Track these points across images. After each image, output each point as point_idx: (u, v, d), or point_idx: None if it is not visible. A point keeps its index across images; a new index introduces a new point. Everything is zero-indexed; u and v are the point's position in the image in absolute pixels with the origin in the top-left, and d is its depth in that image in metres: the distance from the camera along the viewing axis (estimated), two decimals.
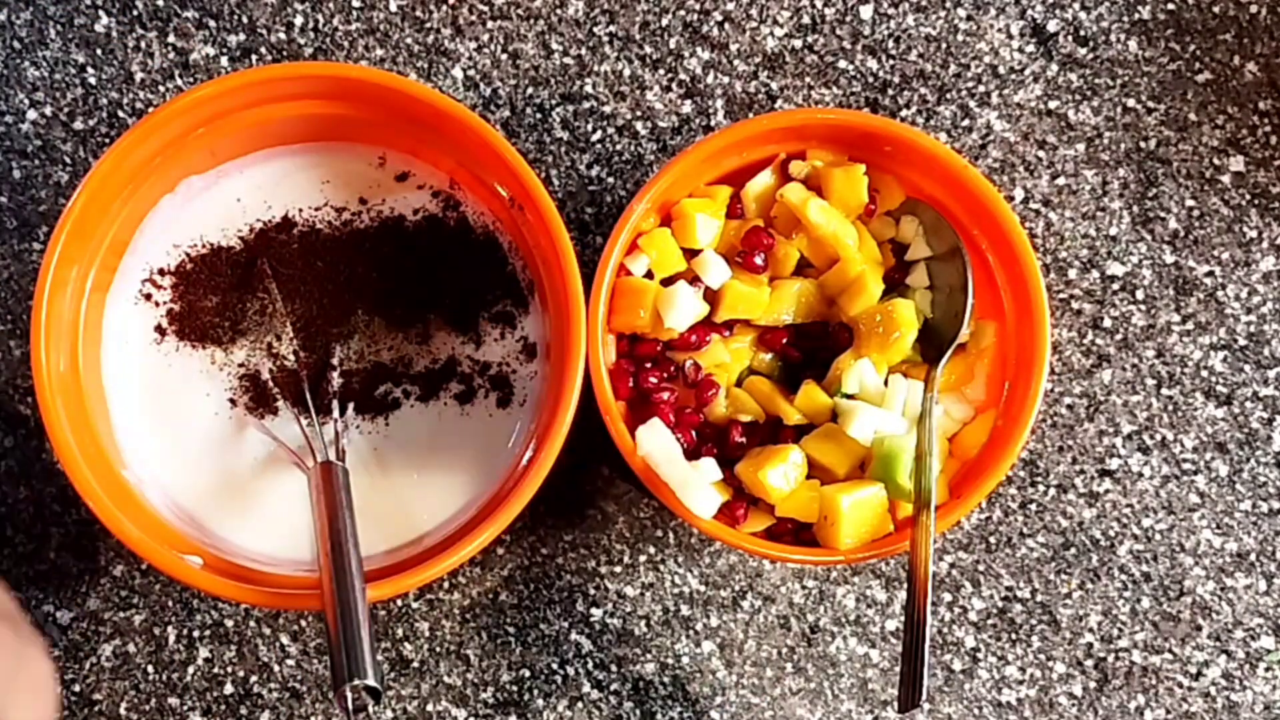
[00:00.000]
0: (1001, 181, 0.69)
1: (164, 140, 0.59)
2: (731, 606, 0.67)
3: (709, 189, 0.63)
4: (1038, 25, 0.69)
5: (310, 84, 0.60)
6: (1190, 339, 0.68)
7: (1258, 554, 0.68)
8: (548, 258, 0.60)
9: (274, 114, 0.61)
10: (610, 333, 0.62)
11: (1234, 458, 0.68)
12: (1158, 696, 0.68)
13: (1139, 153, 0.69)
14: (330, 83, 0.60)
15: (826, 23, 0.69)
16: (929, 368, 0.62)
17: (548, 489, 0.67)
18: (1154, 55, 0.69)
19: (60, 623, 0.66)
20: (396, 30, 0.67)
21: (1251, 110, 0.69)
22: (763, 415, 0.62)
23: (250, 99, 0.60)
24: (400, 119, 0.61)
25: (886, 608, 0.67)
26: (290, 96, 0.60)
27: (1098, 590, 0.68)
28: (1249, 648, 0.68)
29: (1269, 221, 0.69)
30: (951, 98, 0.69)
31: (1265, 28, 0.69)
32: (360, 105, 0.61)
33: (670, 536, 0.67)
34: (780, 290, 0.63)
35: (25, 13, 0.67)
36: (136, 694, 0.66)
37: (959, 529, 0.68)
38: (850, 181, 0.62)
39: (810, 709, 0.67)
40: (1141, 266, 0.69)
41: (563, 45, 0.68)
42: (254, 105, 0.60)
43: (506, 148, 0.59)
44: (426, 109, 0.59)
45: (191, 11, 0.67)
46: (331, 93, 0.60)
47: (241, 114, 0.60)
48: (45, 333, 0.57)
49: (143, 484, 0.61)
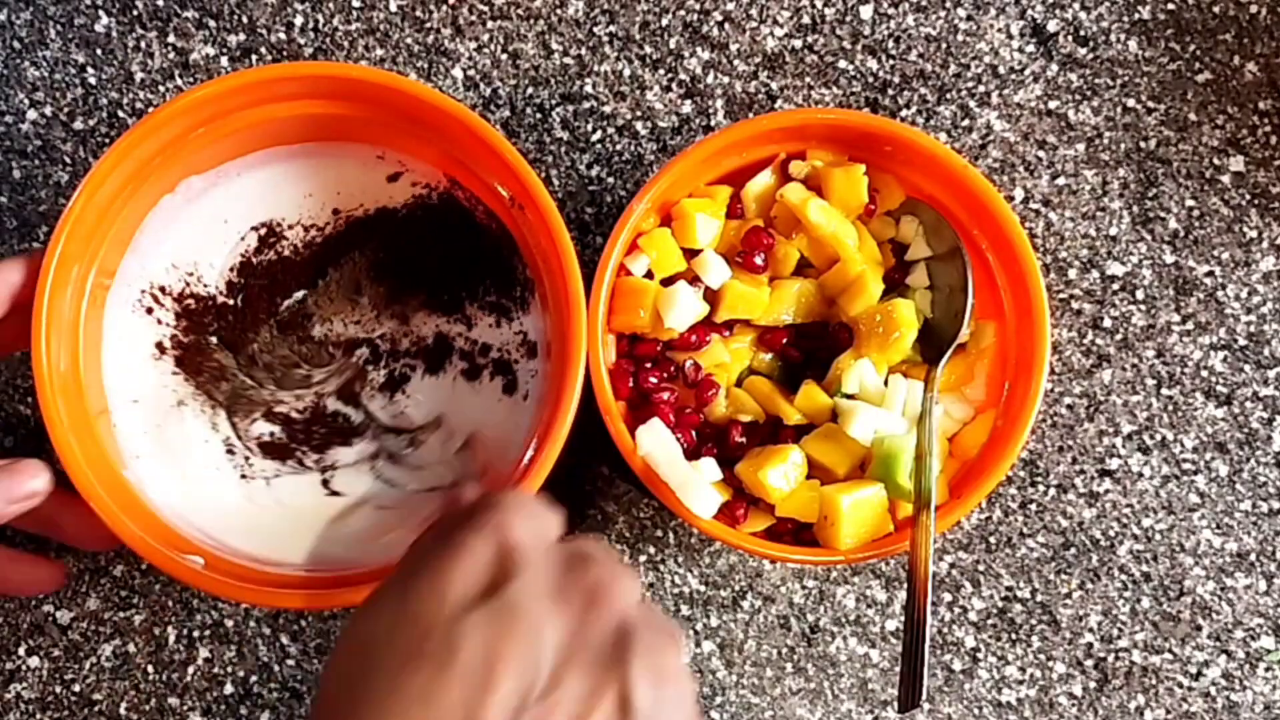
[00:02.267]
0: (1001, 181, 0.69)
1: (164, 140, 0.59)
2: (731, 606, 0.67)
3: (709, 189, 0.63)
4: (1038, 25, 0.69)
5: (309, 84, 0.60)
6: (1190, 339, 0.68)
7: (1258, 554, 0.68)
8: (548, 258, 0.60)
9: (274, 114, 0.61)
10: (610, 333, 0.62)
11: (1234, 458, 0.68)
12: (1158, 696, 0.68)
13: (1139, 153, 0.69)
14: (330, 82, 0.60)
15: (826, 23, 0.69)
16: (929, 368, 0.63)
17: (548, 489, 0.67)
18: (1154, 55, 0.69)
19: (60, 623, 0.66)
20: (396, 30, 0.67)
21: (1251, 110, 0.69)
22: (763, 415, 0.62)
23: (250, 99, 0.60)
24: (400, 118, 0.61)
25: (886, 608, 0.67)
26: (289, 96, 0.60)
27: (1098, 590, 0.68)
28: (1249, 648, 0.68)
29: (1269, 221, 0.69)
30: (951, 98, 0.69)
31: (1265, 28, 0.69)
32: (360, 105, 0.61)
33: (670, 536, 0.67)
34: (780, 290, 0.63)
35: (25, 13, 0.67)
36: (136, 694, 0.66)
37: (959, 529, 0.68)
38: (850, 181, 0.62)
39: (810, 709, 0.67)
40: (1141, 266, 0.69)
41: (563, 45, 0.68)
42: (254, 105, 0.60)
43: (507, 147, 0.59)
44: (426, 108, 0.59)
45: (191, 11, 0.67)
46: (331, 92, 0.60)
47: (241, 114, 0.60)
48: (45, 332, 0.57)
49: (143, 484, 0.61)
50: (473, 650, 0.40)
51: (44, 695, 0.66)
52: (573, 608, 0.42)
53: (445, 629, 0.40)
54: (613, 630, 0.43)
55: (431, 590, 0.42)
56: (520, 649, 0.40)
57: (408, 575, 0.43)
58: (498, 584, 0.42)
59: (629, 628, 0.43)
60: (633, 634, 0.43)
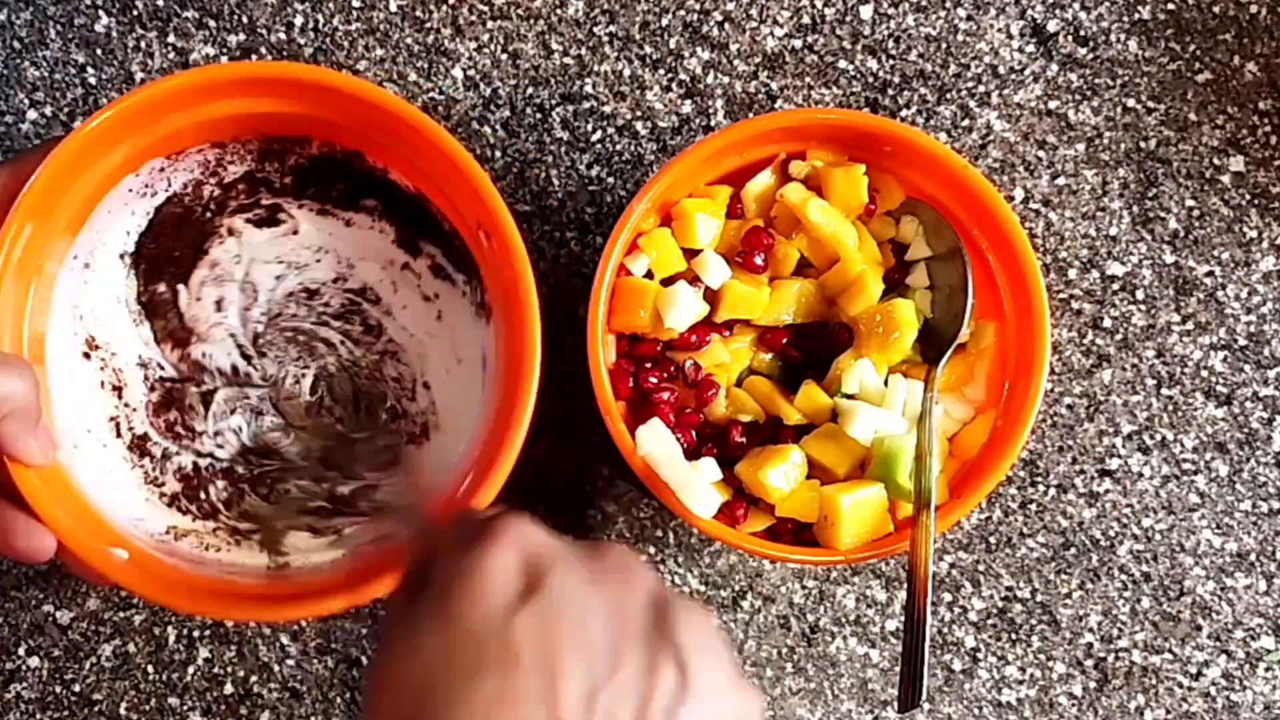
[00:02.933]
0: (1001, 181, 0.69)
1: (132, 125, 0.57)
2: (731, 606, 0.67)
3: (709, 189, 0.63)
4: (1038, 25, 0.69)
5: (271, 85, 0.58)
6: (1190, 339, 0.68)
7: (1258, 554, 0.68)
8: (509, 290, 0.58)
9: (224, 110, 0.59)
10: (610, 333, 0.62)
11: (1234, 458, 0.68)
12: (1158, 696, 0.68)
13: (1139, 153, 0.69)
14: (299, 86, 0.58)
15: (826, 23, 0.69)
16: (929, 368, 0.62)
17: (548, 489, 0.67)
18: (1154, 55, 0.69)
19: (60, 623, 0.66)
20: (396, 30, 0.67)
21: (1251, 110, 0.69)
22: (763, 415, 0.62)
23: (210, 96, 0.58)
24: (375, 128, 0.59)
25: (886, 608, 0.67)
26: (248, 93, 0.59)
27: (1098, 590, 0.68)
28: (1249, 648, 0.68)
29: (1269, 221, 0.69)
30: (951, 98, 0.69)
31: (1265, 28, 0.69)
32: (332, 108, 0.59)
33: (670, 536, 0.67)
34: (780, 290, 0.63)
35: (25, 13, 0.67)
36: (136, 694, 0.66)
37: (959, 529, 0.68)
38: (850, 181, 0.62)
39: (810, 709, 0.67)
40: (1141, 266, 0.69)
41: (563, 45, 0.68)
42: (210, 101, 0.58)
43: (477, 171, 0.58)
44: (399, 122, 0.58)
45: (191, 11, 0.67)
46: (300, 94, 0.59)
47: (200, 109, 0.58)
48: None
49: (74, 468, 0.59)
50: (532, 647, 0.41)
51: (44, 695, 0.66)
52: (609, 590, 0.43)
53: (499, 635, 0.41)
54: (650, 606, 0.44)
55: (474, 604, 0.42)
56: (576, 637, 0.41)
57: (435, 596, 0.43)
58: (534, 583, 0.42)
59: (662, 601, 0.44)
60: (668, 607, 0.44)
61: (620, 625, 0.42)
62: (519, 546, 0.43)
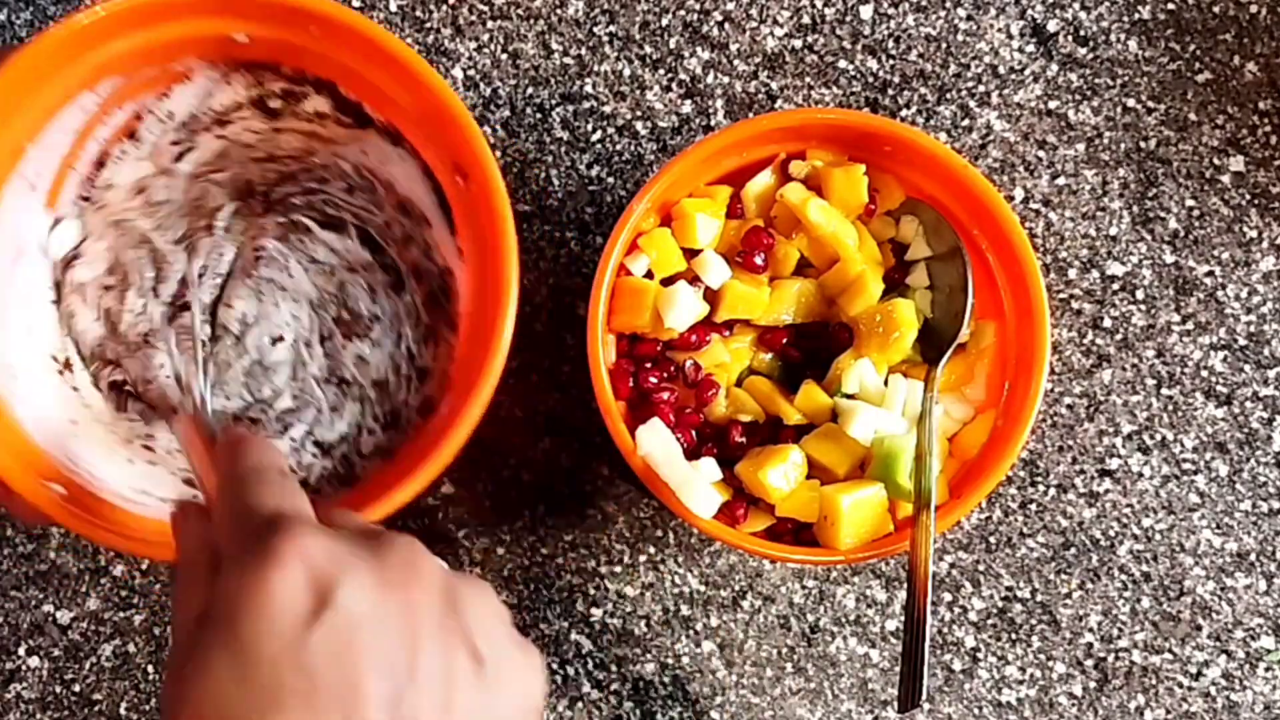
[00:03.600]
0: (1001, 181, 0.69)
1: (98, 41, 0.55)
2: (731, 606, 0.67)
3: (709, 189, 0.64)
4: (1038, 25, 0.69)
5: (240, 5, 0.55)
6: (1190, 339, 0.68)
7: (1258, 554, 0.68)
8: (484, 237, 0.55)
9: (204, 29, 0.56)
10: (610, 333, 0.62)
11: (1234, 458, 0.68)
12: (1158, 696, 0.68)
13: (1139, 153, 0.69)
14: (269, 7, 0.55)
15: (826, 23, 0.69)
16: (929, 368, 0.63)
17: (548, 489, 0.67)
18: (1154, 55, 0.69)
19: (60, 623, 0.66)
20: (396, 30, 0.67)
21: (1251, 110, 0.69)
22: (763, 415, 0.62)
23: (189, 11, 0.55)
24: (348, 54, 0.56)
25: (886, 608, 0.67)
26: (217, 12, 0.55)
27: (1098, 590, 0.68)
28: (1249, 648, 0.68)
29: (1269, 221, 0.69)
30: (951, 98, 0.69)
31: (1265, 28, 0.69)
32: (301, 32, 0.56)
33: (670, 536, 0.67)
34: (780, 290, 0.63)
35: (25, 13, 0.67)
36: (136, 694, 0.66)
37: (959, 529, 0.68)
38: (850, 181, 0.62)
39: (810, 709, 0.67)
40: (1141, 266, 0.69)
41: (563, 45, 0.68)
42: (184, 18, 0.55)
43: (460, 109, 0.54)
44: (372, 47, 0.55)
45: None
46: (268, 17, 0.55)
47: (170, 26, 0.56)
48: None
49: (14, 399, 0.56)
50: (329, 668, 0.40)
51: (44, 695, 0.66)
52: (398, 593, 0.42)
53: (294, 660, 0.40)
54: (438, 596, 0.43)
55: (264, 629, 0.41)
56: (371, 648, 0.41)
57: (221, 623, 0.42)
58: (323, 598, 0.41)
59: (449, 589, 0.44)
60: (455, 593, 0.44)
61: (413, 625, 0.42)
62: (303, 560, 0.42)
